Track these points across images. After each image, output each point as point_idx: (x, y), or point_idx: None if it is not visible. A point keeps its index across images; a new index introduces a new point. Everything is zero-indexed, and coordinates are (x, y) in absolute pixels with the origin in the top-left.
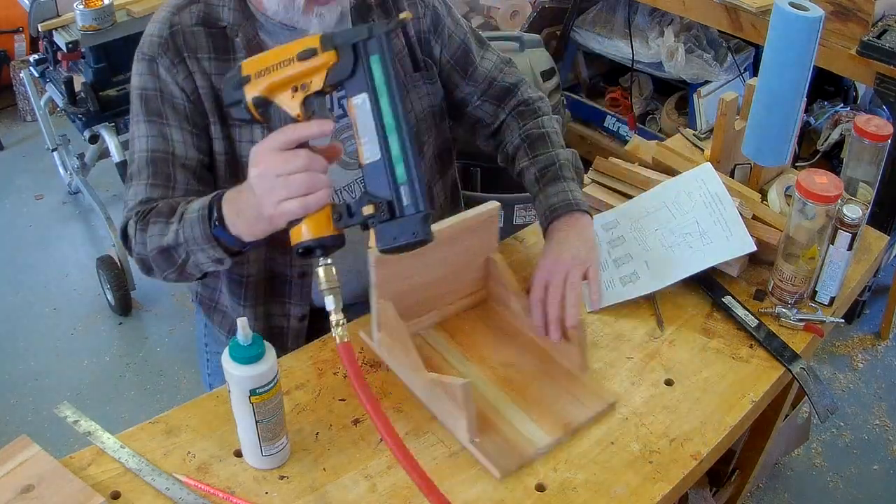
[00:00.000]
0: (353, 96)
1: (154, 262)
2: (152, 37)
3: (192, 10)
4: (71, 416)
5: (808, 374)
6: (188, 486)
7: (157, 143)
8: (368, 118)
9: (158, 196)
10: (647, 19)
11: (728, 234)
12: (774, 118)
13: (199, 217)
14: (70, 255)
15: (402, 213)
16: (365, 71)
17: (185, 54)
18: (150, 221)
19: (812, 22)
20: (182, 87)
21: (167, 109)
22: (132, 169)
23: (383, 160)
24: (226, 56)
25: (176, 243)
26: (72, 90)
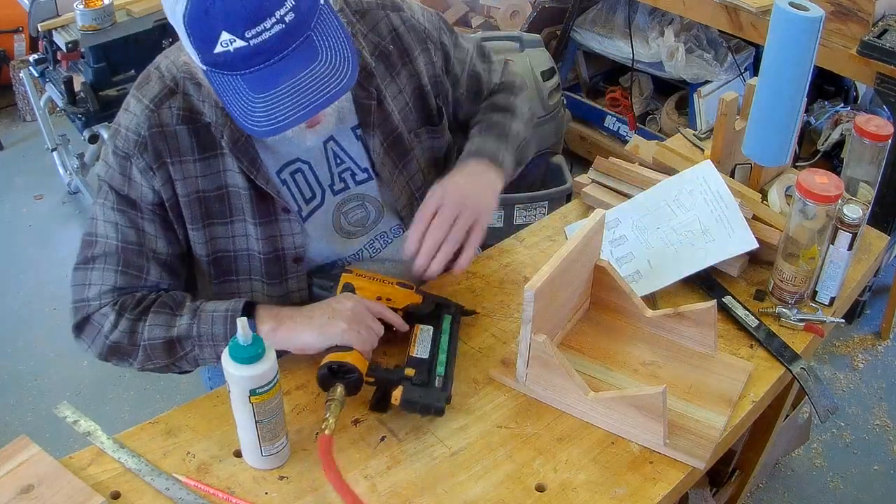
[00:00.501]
0: (420, 325)
1: (147, 350)
2: (128, 132)
3: (172, 105)
4: (70, 417)
5: (808, 375)
6: (188, 486)
7: (129, 234)
8: (428, 339)
9: (129, 285)
10: (647, 19)
11: (730, 232)
12: (775, 118)
13: (227, 317)
14: (70, 255)
15: (429, 385)
16: (437, 319)
17: (168, 159)
18: (147, 313)
19: (812, 22)
20: (158, 191)
21: (141, 203)
22: (94, 251)
23: (430, 359)
24: (213, 152)
25: (187, 336)
26: (71, 90)
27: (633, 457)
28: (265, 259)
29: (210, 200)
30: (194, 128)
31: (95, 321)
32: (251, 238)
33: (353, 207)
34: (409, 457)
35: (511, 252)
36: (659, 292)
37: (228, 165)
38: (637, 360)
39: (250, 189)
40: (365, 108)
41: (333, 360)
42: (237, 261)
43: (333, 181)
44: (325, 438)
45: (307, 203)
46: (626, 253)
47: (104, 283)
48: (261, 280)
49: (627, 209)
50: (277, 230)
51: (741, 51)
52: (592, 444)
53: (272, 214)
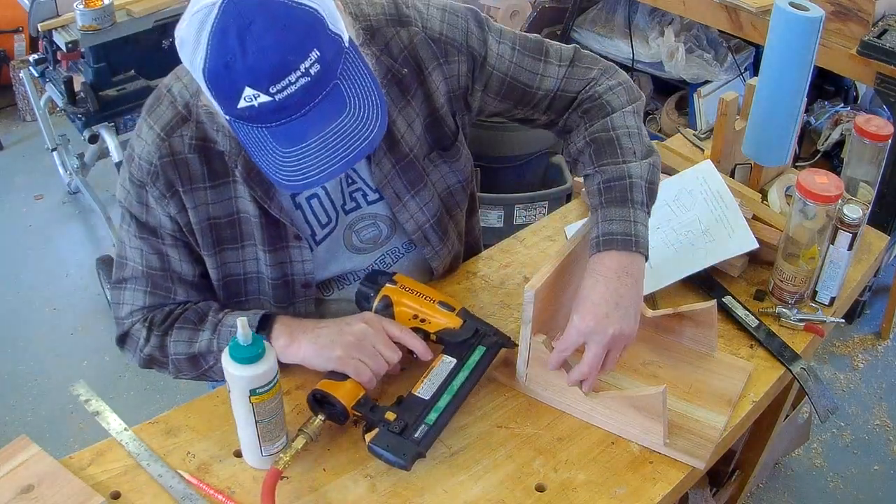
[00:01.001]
0: (445, 355)
1: (175, 363)
2: (141, 160)
3: (184, 133)
4: (84, 395)
5: (808, 374)
6: (187, 481)
7: (152, 260)
8: (444, 373)
9: (157, 304)
10: (647, 19)
11: (730, 232)
12: (775, 118)
13: None
14: (70, 255)
15: (408, 438)
16: (469, 349)
17: (179, 188)
18: (171, 328)
19: (812, 22)
20: (174, 217)
21: (162, 231)
22: (125, 273)
23: (427, 402)
24: (224, 179)
25: (208, 351)
26: (71, 90)
27: (633, 457)
28: (273, 284)
29: (221, 227)
30: (206, 155)
31: (133, 336)
32: (261, 263)
33: (365, 226)
34: None
35: (511, 252)
36: (659, 292)
37: (240, 192)
38: (637, 360)
39: (261, 216)
40: None
41: (321, 388)
42: (247, 283)
43: (345, 201)
44: (273, 472)
45: (322, 227)
46: None
47: (134, 303)
48: (269, 302)
49: None
50: (288, 257)
51: (741, 51)
52: (592, 444)
53: (283, 241)
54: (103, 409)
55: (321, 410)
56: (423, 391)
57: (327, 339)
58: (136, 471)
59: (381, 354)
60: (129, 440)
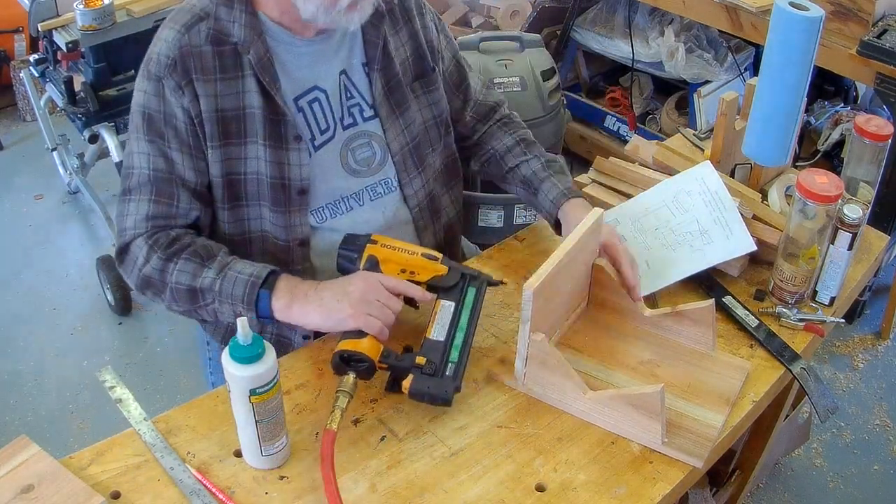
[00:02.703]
0: (442, 300)
1: (172, 292)
2: (160, 56)
3: (202, 28)
4: (109, 381)
5: (808, 374)
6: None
7: (159, 163)
8: (448, 315)
9: (162, 213)
10: (647, 19)
11: (728, 234)
12: (775, 118)
13: (249, 282)
14: (70, 255)
15: (438, 375)
16: (461, 291)
17: (193, 76)
18: (178, 256)
19: (812, 22)
20: (187, 109)
21: (169, 131)
22: (130, 183)
23: (444, 342)
24: (234, 73)
25: (209, 289)
26: (71, 90)
27: (633, 457)
28: (271, 184)
29: (228, 119)
30: (220, 49)
31: (132, 252)
32: (261, 160)
33: (360, 145)
34: (409, 457)
35: (511, 252)
36: (659, 292)
37: (248, 86)
38: (635, 359)
39: (266, 111)
40: (372, 45)
41: (345, 348)
42: (247, 184)
43: (343, 115)
44: (329, 434)
45: (321, 133)
46: None
47: (139, 212)
48: (268, 207)
49: (626, 210)
50: (286, 158)
51: (741, 51)
52: (592, 444)
53: (283, 141)
54: (126, 398)
55: (348, 370)
56: (436, 334)
57: (334, 301)
58: (136, 471)
59: (385, 306)
60: (146, 430)
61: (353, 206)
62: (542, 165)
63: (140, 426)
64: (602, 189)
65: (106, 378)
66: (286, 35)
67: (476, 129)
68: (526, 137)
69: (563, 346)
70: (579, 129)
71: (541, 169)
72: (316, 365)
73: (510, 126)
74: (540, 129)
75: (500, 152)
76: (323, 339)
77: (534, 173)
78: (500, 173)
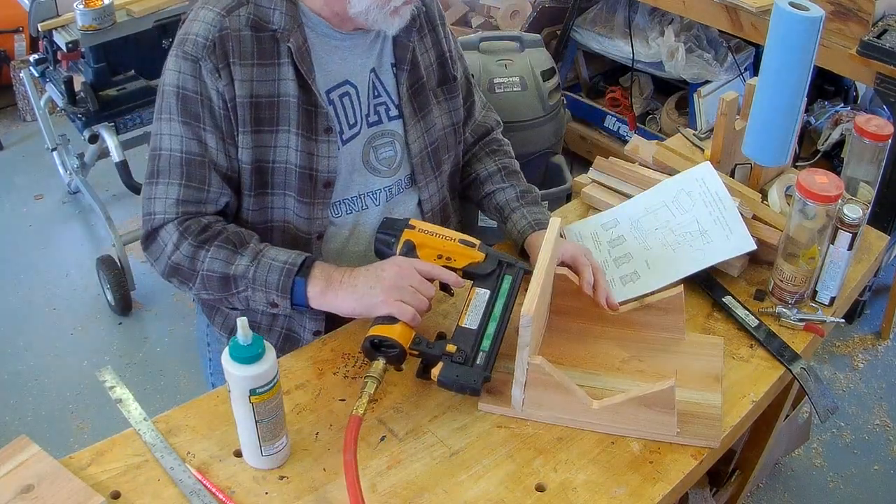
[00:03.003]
0: (478, 287)
1: (204, 279)
2: (197, 37)
3: (241, 13)
4: (109, 382)
5: (808, 374)
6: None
7: (192, 145)
8: (482, 304)
9: (193, 198)
10: (647, 19)
11: (728, 233)
12: (775, 118)
13: (284, 269)
14: (70, 255)
15: (468, 364)
16: (497, 279)
17: (231, 60)
18: (209, 243)
19: (812, 22)
20: (222, 93)
21: (205, 113)
22: (158, 165)
23: (477, 330)
24: (271, 60)
25: (243, 276)
26: (72, 90)
27: (633, 457)
28: (300, 174)
29: (262, 106)
30: (258, 35)
31: (161, 239)
32: (291, 150)
33: (383, 143)
34: (409, 457)
35: (509, 253)
36: (658, 293)
37: (284, 74)
38: (617, 359)
39: (300, 100)
40: (403, 47)
41: (376, 333)
42: (274, 173)
43: (370, 112)
44: (354, 420)
45: (350, 128)
46: (624, 254)
47: (168, 196)
48: (294, 196)
49: (626, 210)
50: (316, 149)
51: (741, 51)
52: (592, 444)
53: (314, 132)
54: (127, 398)
55: (378, 355)
56: (469, 322)
57: (367, 287)
58: (136, 471)
59: (418, 292)
60: (146, 430)
61: (367, 205)
62: (516, 195)
63: (140, 426)
64: (602, 189)
65: (106, 378)
66: (324, 26)
67: (469, 149)
68: (508, 166)
69: None
70: (579, 129)
71: (514, 199)
72: (316, 365)
73: (496, 154)
74: (540, 129)
75: (482, 177)
76: (322, 340)
77: (507, 202)
78: (477, 197)
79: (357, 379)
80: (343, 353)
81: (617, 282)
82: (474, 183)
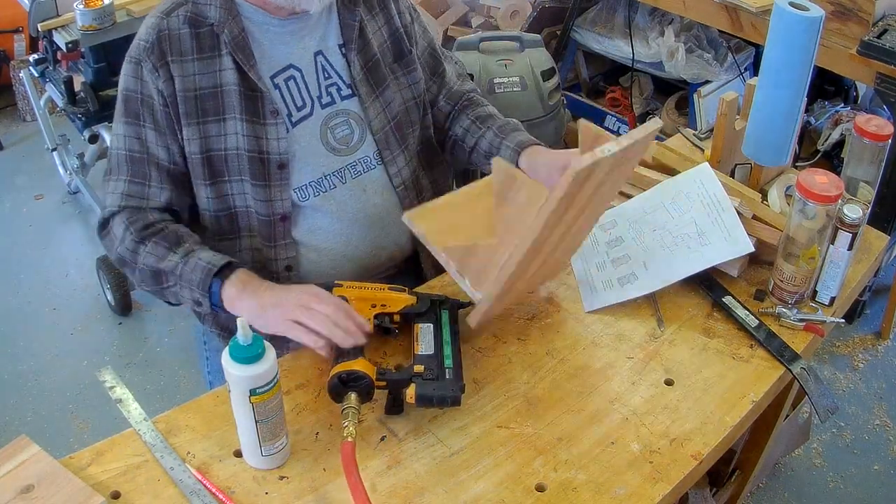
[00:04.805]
0: (420, 323)
1: (141, 272)
2: (140, 41)
3: (180, 13)
4: (109, 382)
5: (808, 374)
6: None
7: (133, 143)
8: (430, 336)
9: (136, 192)
10: (647, 19)
11: (726, 235)
12: (775, 118)
13: (206, 269)
14: (70, 255)
15: (440, 378)
16: (435, 314)
17: (169, 58)
18: (149, 239)
19: (812, 22)
20: (161, 90)
21: (145, 112)
22: (111, 164)
23: (434, 353)
24: (211, 53)
25: (171, 272)
26: (71, 90)
27: (633, 457)
28: (249, 157)
29: (205, 97)
30: (197, 31)
31: (113, 231)
32: (239, 136)
33: (339, 123)
34: (409, 457)
35: None
36: (659, 292)
37: (224, 65)
38: None
39: (241, 86)
40: (349, 27)
41: (341, 370)
42: (227, 160)
43: (321, 93)
44: (348, 445)
45: (298, 110)
46: (622, 254)
47: (115, 190)
48: (249, 181)
49: (624, 211)
50: (264, 132)
51: (741, 51)
52: (592, 444)
53: (260, 116)
54: (126, 398)
55: (347, 391)
56: (424, 349)
57: (270, 302)
58: (136, 471)
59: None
60: (146, 430)
61: (335, 184)
62: (495, 133)
63: (140, 426)
64: None
65: (106, 378)
66: (260, 15)
67: (446, 117)
68: (480, 114)
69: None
70: None
71: (494, 137)
72: (316, 365)
73: (467, 108)
74: (540, 129)
75: (460, 136)
76: None
77: (490, 145)
78: (464, 157)
79: None
80: None
81: (615, 283)
82: (457, 145)
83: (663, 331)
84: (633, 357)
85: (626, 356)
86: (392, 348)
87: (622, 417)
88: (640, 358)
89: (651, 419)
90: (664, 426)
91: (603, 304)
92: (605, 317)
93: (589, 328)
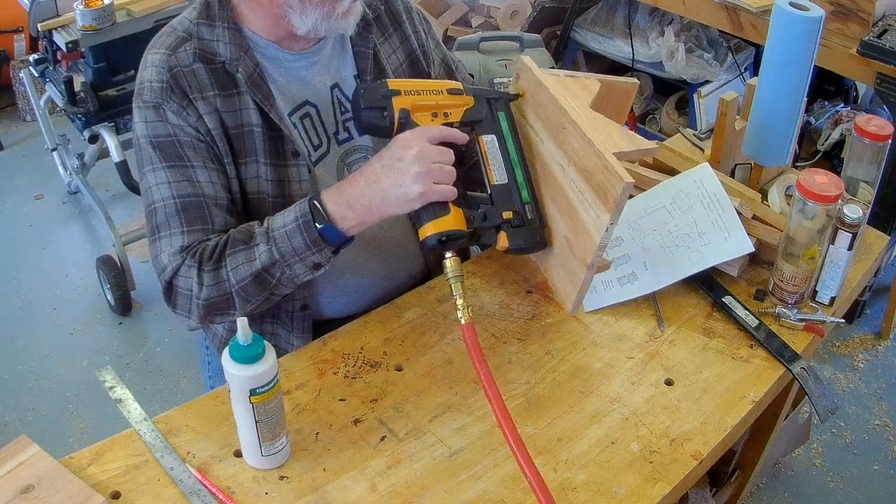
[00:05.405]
0: (483, 135)
1: (241, 294)
2: (152, 83)
3: (187, 48)
4: (109, 382)
5: (808, 374)
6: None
7: (183, 187)
8: (497, 153)
9: (196, 241)
10: (647, 19)
11: (726, 235)
12: (775, 118)
13: (298, 226)
14: (70, 255)
15: (527, 223)
16: (494, 120)
17: (192, 96)
18: (223, 257)
19: (812, 22)
20: (196, 128)
21: (187, 151)
22: (157, 220)
23: (510, 184)
24: (230, 91)
25: (271, 262)
26: (71, 90)
27: (633, 457)
28: (274, 203)
29: (232, 137)
30: (211, 67)
31: (181, 287)
32: (262, 180)
33: (357, 159)
34: (409, 457)
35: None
36: (659, 292)
37: (245, 104)
38: None
39: (263, 128)
40: (363, 55)
41: (441, 230)
42: (249, 205)
43: (338, 129)
44: (468, 327)
45: (315, 150)
46: (621, 255)
47: (172, 247)
48: None
49: (624, 211)
50: (286, 175)
51: (741, 51)
52: (592, 444)
53: (282, 157)
54: (126, 398)
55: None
56: (498, 177)
57: (395, 186)
58: (136, 471)
59: (443, 164)
60: (146, 430)
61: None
62: None
63: (140, 426)
64: None
65: (106, 378)
66: (273, 49)
67: None
68: None
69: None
70: None
71: None
72: (316, 365)
73: None
74: None
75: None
76: (323, 340)
77: None
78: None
79: (357, 379)
80: (343, 353)
81: (614, 282)
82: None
83: (663, 331)
84: (633, 357)
85: (626, 356)
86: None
87: (622, 417)
88: (640, 358)
89: (651, 419)
90: (664, 426)
91: (603, 304)
92: (605, 317)
93: (589, 328)
